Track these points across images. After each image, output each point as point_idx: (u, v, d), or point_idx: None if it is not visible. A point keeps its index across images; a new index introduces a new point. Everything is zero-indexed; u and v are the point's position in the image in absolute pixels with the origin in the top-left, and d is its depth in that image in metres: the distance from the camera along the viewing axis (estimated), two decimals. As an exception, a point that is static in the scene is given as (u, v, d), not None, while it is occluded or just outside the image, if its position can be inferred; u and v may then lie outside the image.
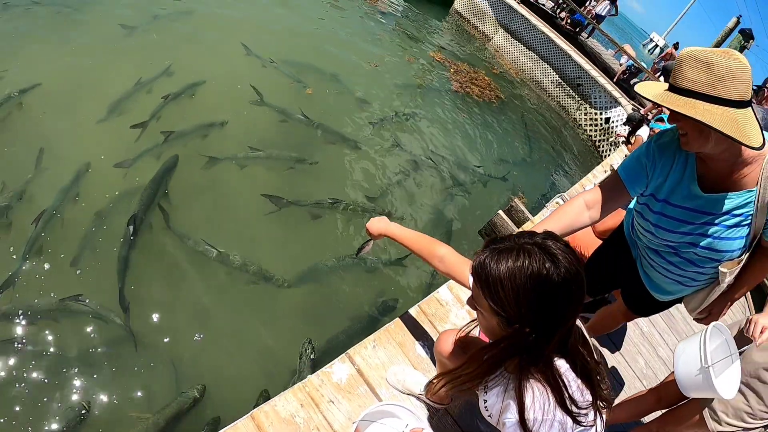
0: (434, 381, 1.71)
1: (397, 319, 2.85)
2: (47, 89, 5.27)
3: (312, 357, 3.80)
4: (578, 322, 1.48)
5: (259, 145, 5.70)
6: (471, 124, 9.14)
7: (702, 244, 2.09)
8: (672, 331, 4.81)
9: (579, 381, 1.39)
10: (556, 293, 1.29)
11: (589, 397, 1.39)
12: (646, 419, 3.11)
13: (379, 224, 2.41)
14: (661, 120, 3.80)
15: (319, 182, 5.70)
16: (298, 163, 5.72)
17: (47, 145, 4.69)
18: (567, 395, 1.34)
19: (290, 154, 5.80)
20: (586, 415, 1.36)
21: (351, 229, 5.30)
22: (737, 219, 1.98)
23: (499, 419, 1.48)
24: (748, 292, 6.55)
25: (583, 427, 1.36)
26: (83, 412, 3.14)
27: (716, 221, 2.00)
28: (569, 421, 1.33)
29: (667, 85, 1.82)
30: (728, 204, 1.96)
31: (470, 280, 1.59)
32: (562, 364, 1.39)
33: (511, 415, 1.38)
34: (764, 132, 1.77)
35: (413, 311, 2.94)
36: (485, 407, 1.63)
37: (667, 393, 2.82)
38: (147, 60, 6.35)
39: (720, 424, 2.48)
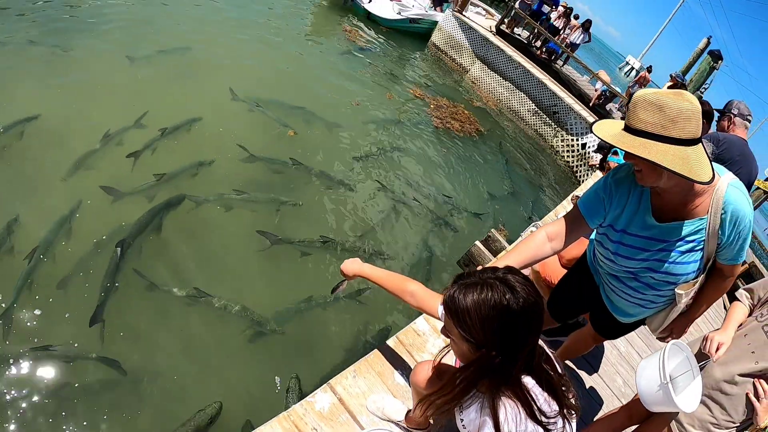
0: (415, 410, 1.85)
1: (376, 350, 2.97)
2: (42, 124, 5.52)
3: (299, 392, 3.92)
4: (540, 342, 1.66)
5: (244, 187, 5.83)
6: (452, 159, 9.34)
7: (659, 269, 2.24)
8: (650, 349, 4.92)
9: (545, 394, 1.57)
10: (516, 320, 1.47)
11: (555, 407, 1.57)
12: (621, 435, 3.23)
13: (352, 265, 2.57)
14: (616, 153, 3.96)
15: (305, 222, 5.84)
16: (283, 205, 5.85)
17: (41, 177, 4.93)
18: (536, 408, 1.52)
19: (275, 197, 5.93)
20: (555, 423, 1.54)
21: (332, 267, 5.44)
22: (691, 245, 2.14)
23: None
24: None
25: None
26: None
27: (671, 248, 2.16)
28: (540, 429, 1.51)
29: (622, 124, 1.95)
30: (682, 232, 2.11)
31: (440, 311, 1.78)
32: (528, 381, 1.56)
33: (488, 430, 1.54)
34: (713, 164, 1.91)
35: (391, 342, 3.07)
36: (463, 425, 1.78)
37: (637, 409, 2.91)
38: (138, 97, 6.63)
39: None
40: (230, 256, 5.04)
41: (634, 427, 3.00)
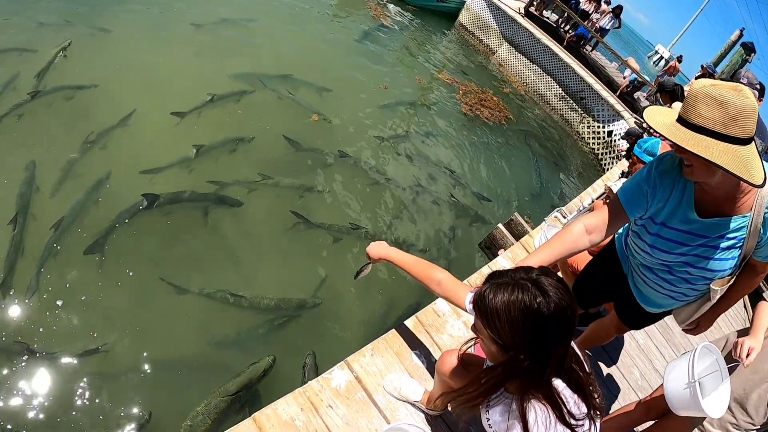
0: (437, 398, 1.81)
1: (394, 329, 2.93)
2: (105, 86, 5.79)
3: (314, 368, 3.95)
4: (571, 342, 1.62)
5: (271, 170, 5.79)
6: (481, 147, 9.18)
7: (697, 264, 2.16)
8: (669, 344, 4.85)
9: (575, 396, 1.53)
10: (546, 325, 1.42)
11: (584, 409, 1.53)
12: (637, 430, 3.18)
13: (378, 249, 2.55)
14: (653, 155, 3.81)
15: (328, 207, 5.81)
16: (308, 191, 5.81)
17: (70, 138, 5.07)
18: (566, 411, 1.48)
19: (300, 182, 5.87)
20: (583, 425, 1.50)
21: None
22: (731, 242, 2.06)
23: None
24: (750, 306, 6.64)
25: None
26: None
27: (711, 244, 2.08)
28: None
29: (675, 114, 1.87)
30: (723, 228, 2.03)
31: (468, 304, 1.82)
32: (559, 384, 1.52)
33: None
34: (764, 164, 1.83)
35: (410, 321, 3.03)
36: (489, 425, 1.74)
37: (656, 405, 2.87)
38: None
39: None
40: (254, 239, 5.04)
41: (650, 423, 2.97)
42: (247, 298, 4.38)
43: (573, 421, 1.48)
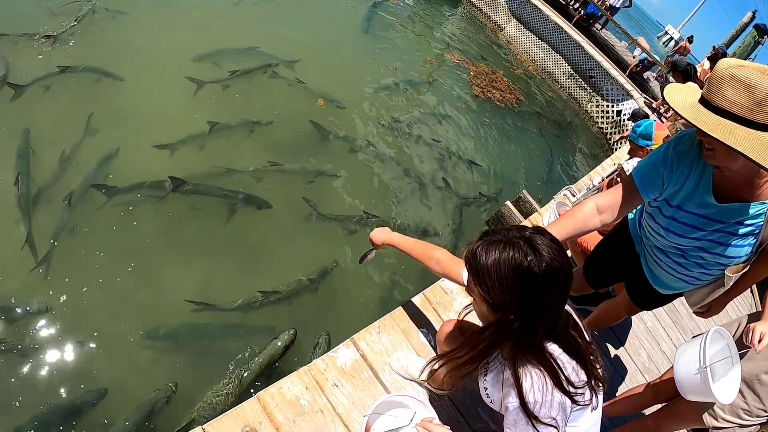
0: (433, 364, 1.77)
1: (401, 306, 2.89)
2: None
3: (326, 350, 3.90)
4: (567, 308, 1.57)
5: (279, 156, 5.65)
6: (493, 130, 8.98)
7: (711, 249, 2.10)
8: (677, 326, 4.82)
9: (573, 362, 1.48)
10: (536, 284, 1.38)
11: (584, 376, 1.47)
12: (645, 412, 3.14)
13: (381, 234, 2.51)
14: (648, 138, 3.73)
15: (337, 192, 5.68)
16: (319, 175, 5.67)
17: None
18: (563, 376, 1.43)
19: (312, 167, 5.74)
20: (583, 394, 1.45)
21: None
22: (748, 228, 1.99)
23: (502, 404, 1.56)
24: (756, 291, 6.58)
25: (580, 406, 1.45)
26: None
27: (727, 229, 2.01)
28: (568, 400, 1.42)
29: (696, 93, 1.79)
30: (741, 214, 1.96)
31: (465, 277, 1.72)
32: (555, 348, 1.48)
33: (513, 400, 1.46)
34: None
35: (417, 299, 2.97)
36: (486, 394, 1.69)
37: (665, 388, 2.84)
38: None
39: (716, 419, 2.51)
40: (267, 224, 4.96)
41: (658, 406, 2.93)
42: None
43: (572, 389, 1.43)
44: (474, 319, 1.97)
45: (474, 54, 11.82)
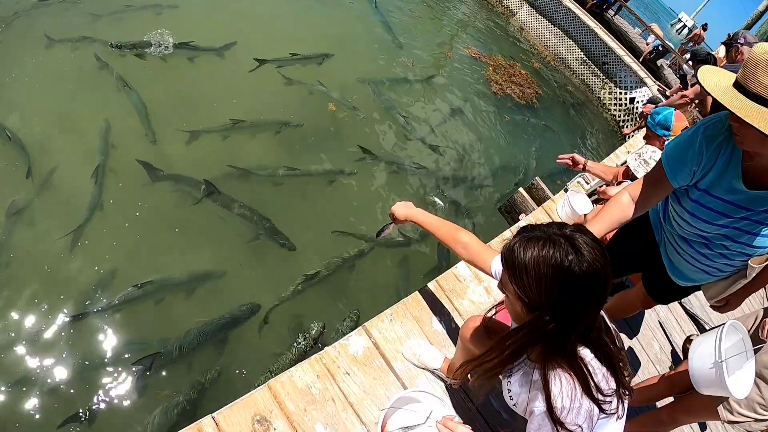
0: (457, 368, 1.72)
1: (415, 293, 2.84)
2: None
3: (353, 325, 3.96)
4: (601, 312, 1.51)
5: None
6: (512, 128, 8.76)
7: (737, 238, 2.04)
8: (690, 318, 4.76)
9: (604, 369, 1.42)
10: (576, 284, 1.32)
11: (613, 384, 1.42)
12: (658, 404, 3.11)
13: (404, 209, 2.44)
14: (666, 128, 3.64)
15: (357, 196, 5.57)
16: (339, 174, 5.58)
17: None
18: (593, 383, 1.37)
19: (330, 168, 5.63)
20: (611, 402, 1.39)
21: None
22: None
23: (527, 408, 1.51)
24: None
25: (606, 415, 1.39)
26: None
27: (755, 218, 1.94)
28: (595, 408, 1.36)
29: (730, 76, 1.73)
30: None
31: (493, 269, 1.83)
32: (586, 354, 1.42)
33: (540, 404, 1.41)
34: None
35: (431, 286, 2.93)
36: (510, 396, 1.64)
37: (680, 381, 2.83)
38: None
39: (732, 413, 2.49)
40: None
41: (672, 398, 2.90)
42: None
43: (600, 396, 1.38)
44: (501, 319, 1.93)
45: (488, 42, 11.58)
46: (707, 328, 4.48)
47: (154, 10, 6.48)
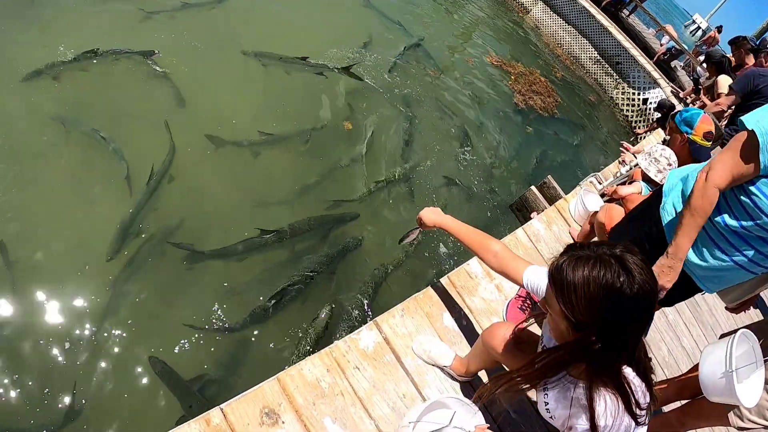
0: (494, 386, 1.68)
1: (427, 288, 2.83)
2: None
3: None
4: None
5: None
6: (533, 139, 8.59)
7: None
8: (697, 321, 4.73)
9: (643, 385, 1.42)
10: (626, 307, 1.31)
11: (648, 398, 1.42)
12: (666, 408, 3.09)
13: (433, 215, 2.44)
14: (690, 125, 3.58)
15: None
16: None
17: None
18: (634, 401, 1.38)
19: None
20: (645, 416, 1.40)
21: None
22: None
23: (567, 423, 1.52)
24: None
25: (638, 425, 1.40)
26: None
27: None
28: (633, 423, 1.38)
29: None
30: None
31: (525, 280, 1.85)
32: (629, 372, 1.41)
33: (583, 423, 1.42)
34: None
35: (442, 282, 2.91)
36: (546, 409, 1.64)
37: (689, 386, 2.82)
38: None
39: (742, 420, 2.48)
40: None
41: (681, 402, 2.88)
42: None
43: (639, 411, 1.38)
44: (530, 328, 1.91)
45: (505, 45, 11.47)
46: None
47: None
